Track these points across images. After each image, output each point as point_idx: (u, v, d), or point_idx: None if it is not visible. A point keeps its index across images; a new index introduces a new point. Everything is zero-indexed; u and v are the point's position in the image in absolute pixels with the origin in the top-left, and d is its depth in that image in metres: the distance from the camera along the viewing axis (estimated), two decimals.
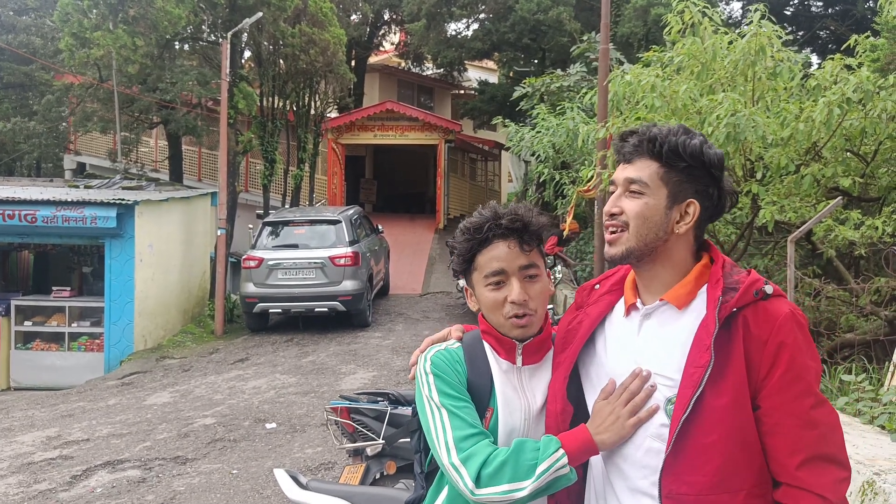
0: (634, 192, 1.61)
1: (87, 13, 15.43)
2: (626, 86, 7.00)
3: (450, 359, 1.77)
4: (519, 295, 1.69)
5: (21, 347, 12.38)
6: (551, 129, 10.62)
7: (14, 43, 23.82)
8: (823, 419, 1.51)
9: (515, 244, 1.70)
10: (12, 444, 7.33)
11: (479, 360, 1.77)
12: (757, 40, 6.21)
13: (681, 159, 1.59)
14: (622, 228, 1.61)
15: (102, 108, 17.50)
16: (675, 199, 1.60)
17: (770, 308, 1.53)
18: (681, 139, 1.59)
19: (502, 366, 1.77)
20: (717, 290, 1.55)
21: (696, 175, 1.60)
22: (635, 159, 1.62)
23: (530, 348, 1.77)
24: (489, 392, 1.74)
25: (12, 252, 13.93)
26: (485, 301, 1.74)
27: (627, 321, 1.68)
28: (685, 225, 1.61)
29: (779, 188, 6.48)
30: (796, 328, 1.52)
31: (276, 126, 18.12)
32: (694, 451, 1.50)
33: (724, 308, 1.52)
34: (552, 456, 1.56)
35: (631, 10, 17.38)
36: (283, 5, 15.75)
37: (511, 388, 1.74)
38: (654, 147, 1.60)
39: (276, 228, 12.62)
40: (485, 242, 1.72)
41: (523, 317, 1.70)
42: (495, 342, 1.77)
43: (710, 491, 1.50)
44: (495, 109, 21.27)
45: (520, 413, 1.72)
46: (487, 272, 1.72)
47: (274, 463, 6.22)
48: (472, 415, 1.68)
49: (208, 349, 11.97)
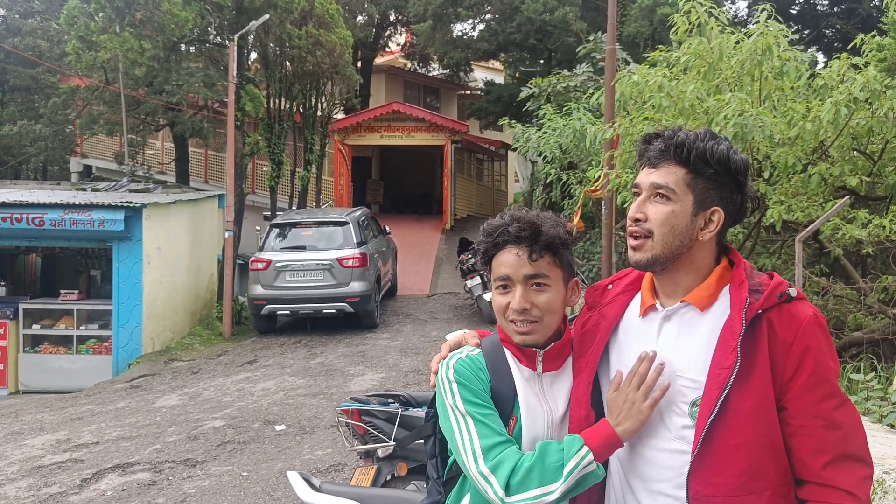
0: (660, 197, 1.59)
1: (93, 16, 15.50)
2: (633, 86, 7.01)
3: (472, 366, 1.76)
4: (519, 303, 1.69)
5: (29, 351, 12.44)
6: (558, 130, 10.62)
7: (20, 46, 23.94)
8: (847, 419, 1.52)
9: (524, 252, 1.70)
10: (22, 448, 7.37)
11: (501, 368, 1.77)
12: (763, 40, 6.22)
13: (708, 166, 1.57)
14: (646, 235, 1.60)
15: (109, 110, 17.56)
16: (701, 206, 1.59)
17: (794, 311, 1.54)
18: (708, 145, 1.57)
19: (524, 373, 1.76)
20: (743, 291, 1.55)
21: (722, 182, 1.59)
22: (661, 164, 1.60)
23: (551, 355, 1.76)
24: (512, 400, 1.73)
25: (20, 255, 14.00)
26: (494, 303, 1.76)
27: (644, 322, 1.68)
28: (709, 233, 1.60)
29: (786, 187, 6.47)
30: (820, 332, 1.54)
31: (283, 128, 18.16)
32: (721, 452, 1.50)
33: (751, 310, 1.52)
34: (577, 454, 1.57)
35: (637, 9, 17.37)
36: (289, 7, 15.79)
37: (533, 396, 1.74)
38: (681, 152, 1.58)
39: (284, 230, 12.65)
40: (497, 247, 1.73)
41: (524, 325, 1.70)
42: (516, 349, 1.77)
43: (737, 492, 1.50)
44: (501, 110, 21.28)
45: (543, 421, 1.72)
46: (496, 276, 1.73)
47: (284, 465, 6.24)
48: (498, 422, 1.68)
49: (217, 351, 12.01)
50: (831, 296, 6.74)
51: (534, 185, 20.92)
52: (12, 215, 11.59)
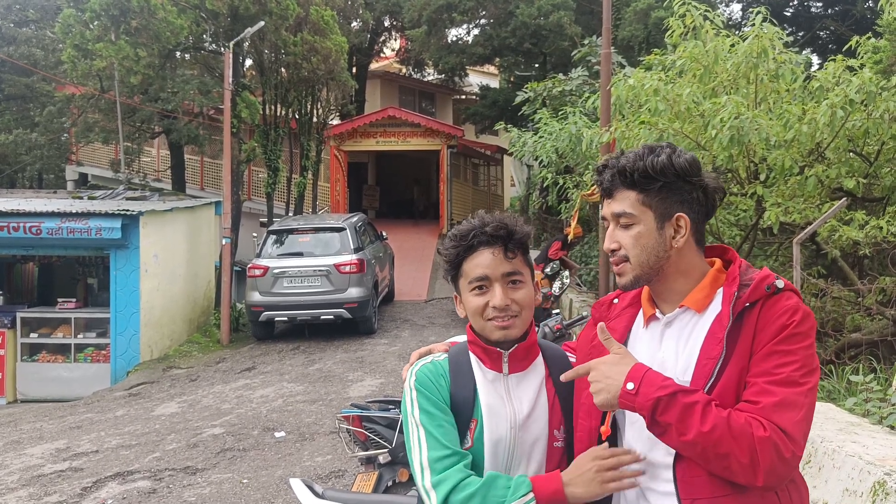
0: (624, 224, 1.65)
1: (88, 24, 15.50)
2: (629, 90, 7.03)
3: (434, 372, 1.79)
4: (501, 300, 1.72)
5: (27, 359, 12.41)
6: (554, 134, 10.64)
7: (15, 55, 23.91)
8: (801, 397, 1.49)
9: (500, 251, 1.74)
10: (22, 457, 7.35)
11: (464, 372, 1.79)
12: (759, 43, 6.25)
13: (654, 181, 1.62)
14: (624, 260, 1.66)
15: (104, 118, 17.56)
16: (664, 217, 1.64)
17: (780, 300, 1.56)
18: (648, 161, 1.62)
19: (488, 375, 1.78)
20: (733, 286, 1.59)
21: (676, 187, 1.63)
22: (615, 192, 1.66)
23: (516, 355, 1.79)
24: (472, 403, 1.75)
25: (17, 264, 13.96)
26: (469, 306, 1.77)
27: (648, 332, 1.71)
28: (682, 238, 1.65)
29: (783, 190, 6.50)
30: (799, 316, 1.54)
31: (279, 134, 18.16)
32: None
33: (738, 303, 1.56)
34: (521, 499, 1.57)
35: (631, 13, 17.43)
36: (284, 14, 15.80)
37: (497, 398, 1.76)
38: (626, 177, 1.64)
39: (281, 237, 12.65)
40: (470, 249, 1.75)
41: (505, 319, 1.73)
42: (481, 352, 1.79)
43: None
44: (497, 114, 21.32)
45: (506, 422, 1.73)
46: (472, 278, 1.75)
47: (284, 472, 6.23)
48: (450, 434, 1.70)
49: (215, 358, 11.99)
50: (829, 297, 6.75)
51: (530, 190, 20.96)
52: (9, 224, 11.56)
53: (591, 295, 10.61)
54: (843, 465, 3.30)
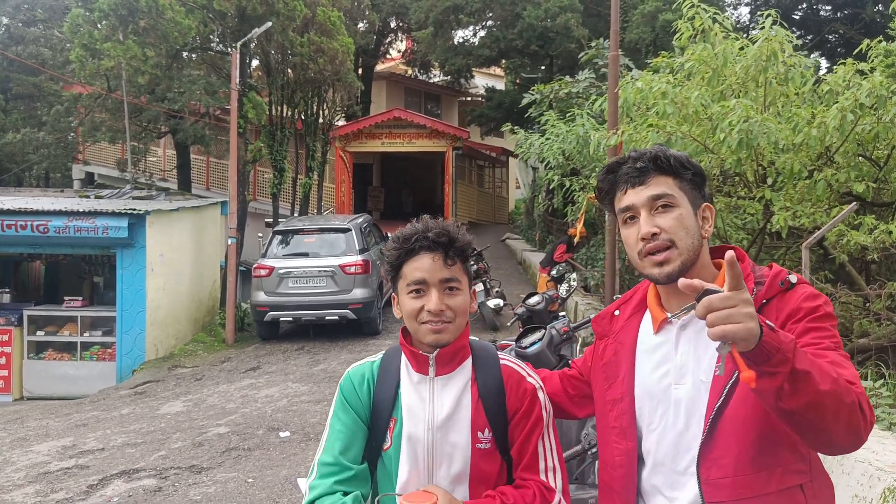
0: (664, 207, 1.63)
1: (97, 24, 15.56)
2: (637, 92, 7.01)
3: (359, 375, 1.86)
4: (436, 305, 1.74)
5: (34, 357, 12.45)
6: (561, 136, 10.61)
7: (23, 54, 24.00)
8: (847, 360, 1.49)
9: (440, 258, 1.76)
10: (28, 454, 7.36)
11: (390, 373, 1.85)
12: (769, 45, 6.23)
13: (686, 169, 1.65)
14: (668, 246, 1.61)
15: (111, 118, 17.61)
16: (695, 205, 1.65)
17: (797, 290, 1.57)
18: (678, 153, 1.67)
19: (413, 378, 1.82)
20: (748, 284, 1.58)
21: (696, 182, 1.67)
22: (647, 180, 1.65)
23: (443, 358, 1.80)
24: (393, 403, 1.81)
25: (24, 262, 14.01)
26: (405, 308, 1.79)
27: (661, 337, 1.69)
28: (709, 228, 1.66)
29: (791, 194, 6.47)
30: (825, 300, 1.56)
31: (285, 135, 18.20)
32: (728, 433, 1.53)
33: (756, 300, 1.54)
34: None
35: (639, 16, 17.42)
36: (291, 15, 15.83)
37: (418, 399, 1.80)
38: (661, 163, 1.64)
39: (287, 237, 12.66)
40: (411, 253, 1.78)
41: (438, 324, 1.75)
42: (410, 355, 1.83)
43: (746, 470, 1.51)
44: (503, 116, 21.32)
45: (423, 423, 1.77)
46: (410, 280, 1.77)
47: (289, 472, 6.23)
48: (347, 444, 1.78)
49: (220, 358, 12.00)
50: (837, 302, 6.72)
51: (535, 192, 20.93)
52: (17, 222, 11.60)
53: (596, 298, 10.59)
54: (853, 470, 3.29)
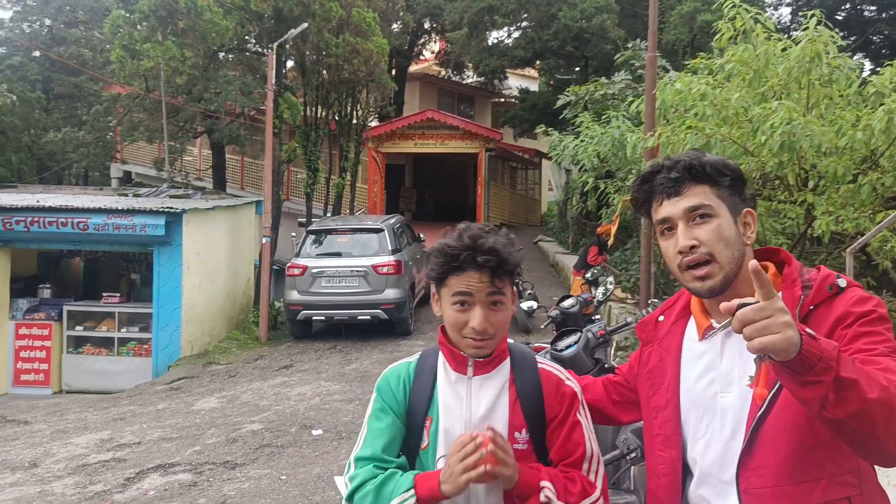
0: (701, 217, 1.58)
1: (136, 25, 15.82)
2: (675, 94, 6.91)
3: (395, 376, 1.87)
4: (480, 323, 1.72)
5: (72, 352, 12.68)
6: (596, 138, 10.52)
7: (65, 55, 24.53)
8: None
9: (487, 276, 1.72)
10: (67, 446, 7.50)
11: (427, 372, 1.85)
12: (812, 46, 6.10)
13: (724, 175, 1.60)
14: (708, 260, 1.57)
15: (148, 117, 17.90)
16: (735, 212, 1.60)
17: (846, 294, 1.52)
18: (714, 158, 1.62)
19: (451, 376, 1.82)
20: (794, 289, 1.55)
21: (735, 186, 1.62)
22: (683, 190, 1.60)
23: (482, 361, 1.81)
24: (429, 401, 1.81)
25: (64, 259, 14.29)
26: (448, 317, 1.78)
27: (705, 344, 1.66)
28: (752, 233, 1.62)
29: (834, 198, 6.34)
30: (878, 302, 1.51)
31: (319, 135, 18.32)
32: (767, 442, 1.49)
33: (804, 306, 1.52)
34: (402, 494, 1.67)
35: (676, 16, 17.23)
36: (327, 16, 15.93)
37: (455, 397, 1.79)
38: (697, 171, 1.60)
39: (320, 237, 12.74)
40: (459, 269, 1.74)
41: (480, 341, 1.75)
42: (448, 354, 1.83)
43: (786, 480, 1.47)
44: (536, 118, 21.23)
45: (461, 421, 1.77)
46: (456, 291, 1.75)
47: (321, 469, 6.26)
48: (386, 442, 1.78)
49: (253, 355, 12.12)
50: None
51: (568, 194, 20.80)
52: (58, 219, 11.84)
53: (632, 302, 10.49)
54: None
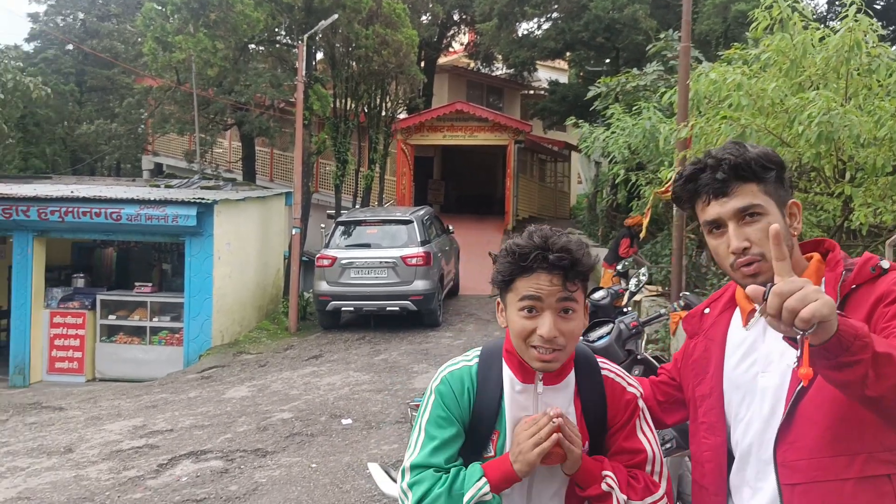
0: (752, 215, 1.57)
1: (169, 17, 15.97)
2: (710, 84, 6.81)
3: (458, 382, 1.73)
4: (549, 331, 1.60)
5: (105, 340, 12.88)
6: (627, 129, 10.42)
7: (98, 48, 24.87)
8: None
9: (559, 279, 1.61)
10: (101, 433, 7.64)
11: (492, 380, 1.72)
12: (852, 35, 5.97)
13: (769, 170, 1.58)
14: (759, 259, 1.56)
15: (180, 110, 18.07)
16: (782, 206, 1.60)
17: (889, 276, 1.51)
18: (754, 152, 1.59)
19: (517, 387, 1.70)
20: (837, 269, 1.57)
21: (780, 177, 1.61)
22: (731, 190, 1.58)
23: (551, 373, 1.71)
24: (496, 414, 1.70)
25: (97, 249, 14.52)
26: (514, 325, 1.65)
27: (750, 332, 1.66)
28: (799, 224, 1.62)
29: (873, 190, 6.21)
30: None
31: (349, 127, 18.37)
32: (805, 416, 1.49)
33: (845, 285, 1.53)
34: (475, 485, 1.61)
35: (710, 6, 16.96)
36: (357, 7, 15.95)
37: (522, 410, 1.69)
38: (742, 170, 1.58)
39: (349, 228, 12.79)
40: (528, 270, 1.62)
41: (548, 352, 1.62)
42: (517, 367, 1.71)
43: (822, 453, 1.47)
44: (566, 110, 21.05)
45: None
46: (524, 295, 1.62)
47: (351, 458, 6.30)
48: (446, 449, 1.68)
49: (283, 345, 12.22)
50: None
51: (598, 187, 20.64)
52: (91, 210, 12.02)
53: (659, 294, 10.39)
54: None
